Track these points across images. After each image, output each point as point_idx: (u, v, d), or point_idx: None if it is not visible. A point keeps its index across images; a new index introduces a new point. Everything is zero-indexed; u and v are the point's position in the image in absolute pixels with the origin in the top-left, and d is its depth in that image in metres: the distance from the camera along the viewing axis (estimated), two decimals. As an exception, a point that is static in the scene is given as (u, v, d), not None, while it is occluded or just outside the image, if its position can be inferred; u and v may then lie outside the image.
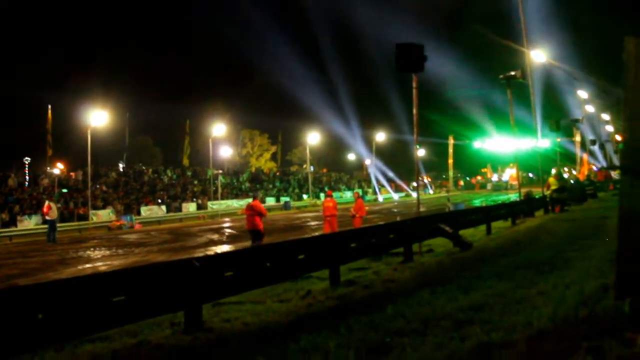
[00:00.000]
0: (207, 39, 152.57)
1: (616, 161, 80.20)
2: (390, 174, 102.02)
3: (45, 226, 37.04)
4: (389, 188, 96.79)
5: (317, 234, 27.39)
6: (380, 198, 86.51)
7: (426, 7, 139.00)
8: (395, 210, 52.12)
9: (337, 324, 7.73)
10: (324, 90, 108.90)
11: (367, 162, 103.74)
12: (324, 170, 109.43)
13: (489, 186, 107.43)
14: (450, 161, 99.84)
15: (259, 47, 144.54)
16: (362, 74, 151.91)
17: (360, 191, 58.92)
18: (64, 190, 53.15)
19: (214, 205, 61.04)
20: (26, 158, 58.43)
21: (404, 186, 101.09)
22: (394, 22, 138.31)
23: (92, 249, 27.96)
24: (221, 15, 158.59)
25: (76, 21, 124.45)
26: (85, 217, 46.92)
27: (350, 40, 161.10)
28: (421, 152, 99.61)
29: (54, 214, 35.41)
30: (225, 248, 25.58)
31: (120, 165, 75.81)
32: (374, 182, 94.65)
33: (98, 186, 56.93)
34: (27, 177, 56.45)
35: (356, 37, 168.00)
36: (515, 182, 75.04)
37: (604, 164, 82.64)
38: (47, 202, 36.06)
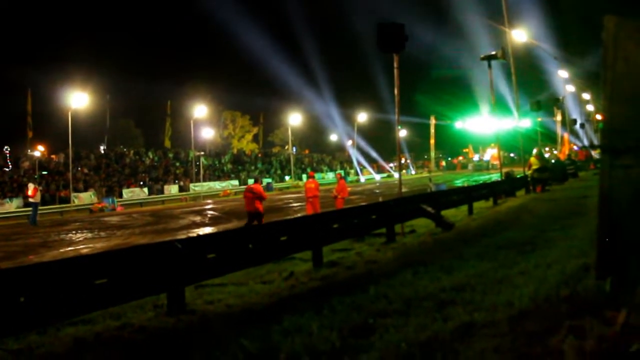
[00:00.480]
0: (188, 20, 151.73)
1: (595, 140, 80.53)
2: (374, 154, 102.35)
3: (29, 209, 36.88)
4: (370, 169, 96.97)
5: (299, 215, 27.40)
6: (362, 179, 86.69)
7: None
8: (377, 191, 52.17)
9: (320, 305, 7.75)
10: (305, 71, 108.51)
11: (349, 143, 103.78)
12: (306, 152, 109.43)
13: (470, 166, 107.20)
14: (432, 141, 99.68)
15: (240, 28, 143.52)
16: (344, 55, 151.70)
17: (342, 172, 58.99)
18: (44, 173, 52.89)
19: (196, 187, 60.97)
20: (6, 147, 57.97)
21: (386, 166, 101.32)
22: (376, 2, 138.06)
23: (74, 232, 27.85)
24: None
25: (56, 3, 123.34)
26: (66, 200, 46.78)
27: (332, 21, 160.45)
28: (403, 133, 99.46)
29: (39, 197, 35.24)
30: (207, 230, 25.53)
31: (102, 148, 75.44)
32: (355, 163, 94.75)
33: (79, 169, 56.68)
34: (8, 160, 56.00)
35: (338, 17, 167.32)
36: (496, 162, 75.17)
37: (585, 143, 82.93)
38: (33, 185, 35.70)
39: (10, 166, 54.69)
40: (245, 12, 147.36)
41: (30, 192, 34.62)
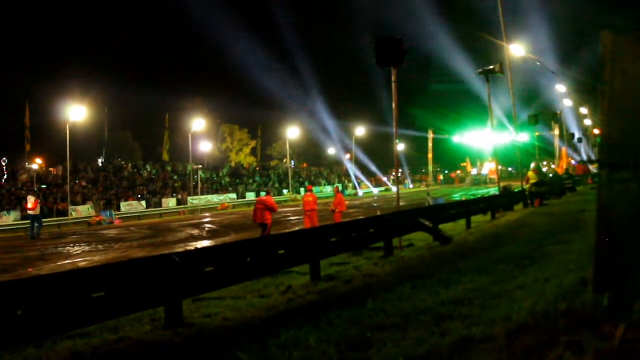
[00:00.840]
0: (186, 34, 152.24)
1: (592, 155, 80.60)
2: (373, 168, 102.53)
3: (27, 222, 36.75)
4: (368, 183, 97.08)
5: (297, 229, 27.39)
6: (360, 192, 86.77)
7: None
8: (376, 204, 52.14)
9: (318, 319, 7.73)
10: (304, 85, 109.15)
11: (347, 156, 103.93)
12: (304, 165, 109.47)
13: (467, 180, 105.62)
14: (430, 155, 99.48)
15: (238, 42, 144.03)
16: (343, 69, 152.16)
17: (340, 186, 59.07)
18: (43, 186, 52.87)
19: (194, 201, 60.98)
20: (4, 159, 57.94)
21: (385, 180, 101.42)
22: (375, 16, 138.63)
23: (71, 245, 27.80)
24: (200, 11, 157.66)
25: (54, 16, 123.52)
26: (64, 213, 46.74)
27: (331, 34, 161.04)
28: (401, 147, 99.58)
29: (39, 209, 35.05)
30: (205, 243, 25.52)
31: (100, 161, 75.37)
32: (352, 177, 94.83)
33: (77, 182, 56.64)
34: (5, 173, 55.92)
35: (337, 31, 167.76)
36: (494, 176, 74.84)
37: (583, 157, 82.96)
38: (33, 198, 35.22)
39: (7, 178, 54.57)
40: (243, 26, 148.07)
41: (30, 205, 34.27)
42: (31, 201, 34.27)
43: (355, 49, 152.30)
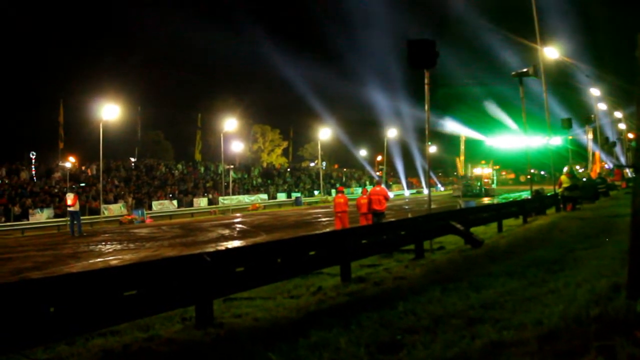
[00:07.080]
0: (218, 34, 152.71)
1: (623, 160, 79.60)
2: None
3: (60, 219, 36.99)
4: (404, 183, 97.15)
5: (328, 230, 27.40)
6: (391, 195, 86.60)
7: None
8: (407, 207, 52.03)
9: (348, 321, 7.72)
10: (336, 86, 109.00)
11: (379, 158, 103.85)
12: (336, 167, 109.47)
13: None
14: (462, 158, 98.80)
15: (271, 42, 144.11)
16: (376, 70, 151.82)
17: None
18: (82, 184, 53.31)
19: (225, 201, 61.19)
20: (32, 152, 58.44)
21: (422, 181, 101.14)
22: (405, 17, 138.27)
23: (103, 243, 28.03)
24: (232, 11, 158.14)
25: (89, 14, 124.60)
26: (96, 211, 47.07)
27: (360, 34, 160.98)
28: (433, 149, 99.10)
29: (78, 206, 35.16)
30: (236, 243, 25.60)
31: (132, 160, 75.91)
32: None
33: (110, 180, 57.09)
34: (35, 171, 56.37)
35: (364, 30, 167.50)
36: (488, 187, 72.93)
37: (618, 162, 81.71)
38: (72, 194, 35.10)
39: (39, 176, 55.01)
40: (274, 27, 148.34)
41: (70, 202, 34.29)
42: (70, 197, 34.34)
43: (389, 48, 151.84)
